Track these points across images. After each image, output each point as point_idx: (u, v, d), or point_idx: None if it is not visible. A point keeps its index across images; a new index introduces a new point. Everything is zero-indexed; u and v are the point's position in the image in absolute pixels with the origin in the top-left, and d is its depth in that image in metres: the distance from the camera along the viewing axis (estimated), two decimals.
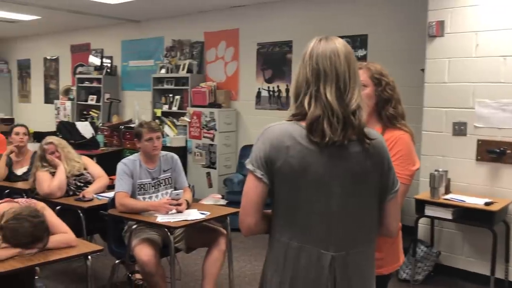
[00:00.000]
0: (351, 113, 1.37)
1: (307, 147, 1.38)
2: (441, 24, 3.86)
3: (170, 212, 3.12)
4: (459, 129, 3.83)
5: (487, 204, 3.42)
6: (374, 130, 1.49)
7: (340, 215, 1.41)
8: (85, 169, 3.91)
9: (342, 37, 1.48)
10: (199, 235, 3.28)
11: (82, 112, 8.44)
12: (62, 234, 2.47)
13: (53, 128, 7.82)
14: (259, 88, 6.21)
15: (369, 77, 1.89)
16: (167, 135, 6.73)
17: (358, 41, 5.19)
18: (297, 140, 1.38)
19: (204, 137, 6.29)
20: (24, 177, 4.24)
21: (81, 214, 3.44)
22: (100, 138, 6.99)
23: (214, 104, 6.33)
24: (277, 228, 1.46)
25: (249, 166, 1.43)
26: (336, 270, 1.41)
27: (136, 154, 3.42)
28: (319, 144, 1.37)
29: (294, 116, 1.43)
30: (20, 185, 4.10)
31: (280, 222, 1.45)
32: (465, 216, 3.53)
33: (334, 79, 1.38)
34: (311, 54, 1.42)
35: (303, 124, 1.39)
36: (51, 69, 9.60)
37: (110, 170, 3.86)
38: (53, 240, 2.38)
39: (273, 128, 1.43)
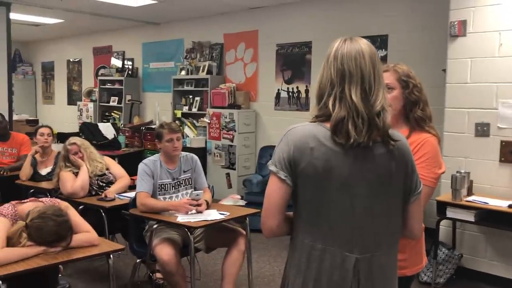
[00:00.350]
0: (376, 115, 1.36)
1: (331, 148, 1.37)
2: (463, 23, 3.80)
3: (190, 212, 3.15)
4: (482, 130, 3.76)
5: (510, 206, 3.36)
6: (398, 132, 1.48)
7: (364, 217, 1.40)
8: (107, 169, 3.97)
9: (362, 37, 1.47)
10: (219, 235, 3.30)
11: (104, 114, 8.57)
12: (85, 233, 2.51)
13: (76, 129, 7.97)
14: (278, 89, 6.22)
15: (396, 79, 1.87)
16: (187, 136, 6.79)
17: (378, 42, 5.15)
18: (321, 142, 1.37)
19: (224, 138, 6.32)
20: (48, 177, 4.34)
21: (103, 214, 3.50)
22: (121, 139, 7.10)
23: (234, 105, 6.36)
24: (300, 230, 1.45)
25: (272, 167, 1.42)
26: (360, 272, 1.41)
27: (156, 154, 3.46)
28: (343, 145, 1.36)
29: (317, 117, 1.42)
30: (44, 184, 4.19)
31: (303, 224, 1.44)
32: (488, 218, 3.47)
33: (359, 80, 1.37)
34: (335, 55, 1.40)
35: (327, 125, 1.39)
36: (74, 71, 9.77)
37: (131, 171, 3.91)
38: (76, 239, 2.43)
39: (296, 130, 1.42)
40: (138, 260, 3.32)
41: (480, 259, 3.86)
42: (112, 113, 8.42)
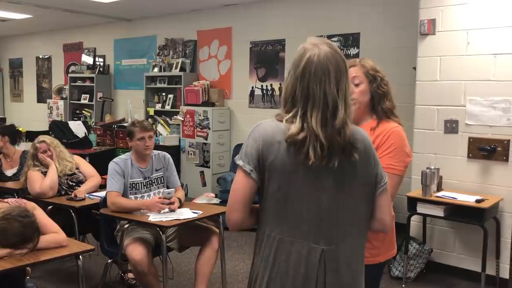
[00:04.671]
0: (337, 132, 1.37)
1: None
2: (432, 22, 3.87)
3: (162, 211, 3.11)
4: (451, 126, 3.84)
5: (478, 201, 3.44)
6: (359, 129, 1.49)
7: (330, 208, 1.42)
8: (77, 168, 3.89)
9: (334, 35, 1.47)
10: (192, 234, 3.28)
11: (75, 111, 8.40)
12: (52, 234, 2.45)
13: (45, 127, 7.77)
14: (252, 87, 6.21)
15: (364, 73, 1.92)
16: (160, 134, 6.71)
17: (350, 40, 5.18)
18: None
19: (198, 136, 6.28)
20: (14, 178, 4.21)
21: (73, 214, 3.43)
22: (93, 137, 6.97)
23: (208, 103, 6.32)
24: (267, 223, 1.46)
25: (239, 162, 1.44)
26: (326, 263, 1.42)
27: (128, 153, 3.41)
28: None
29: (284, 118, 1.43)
30: (10, 184, 4.07)
31: (270, 218, 1.45)
32: (457, 213, 3.55)
33: (321, 104, 1.37)
34: (303, 73, 1.38)
35: None
36: (44, 68, 9.54)
37: (103, 169, 3.83)
38: (44, 240, 2.37)
39: (264, 125, 1.44)
40: (109, 260, 3.27)
41: (449, 253, 3.95)
42: (83, 111, 8.27)
